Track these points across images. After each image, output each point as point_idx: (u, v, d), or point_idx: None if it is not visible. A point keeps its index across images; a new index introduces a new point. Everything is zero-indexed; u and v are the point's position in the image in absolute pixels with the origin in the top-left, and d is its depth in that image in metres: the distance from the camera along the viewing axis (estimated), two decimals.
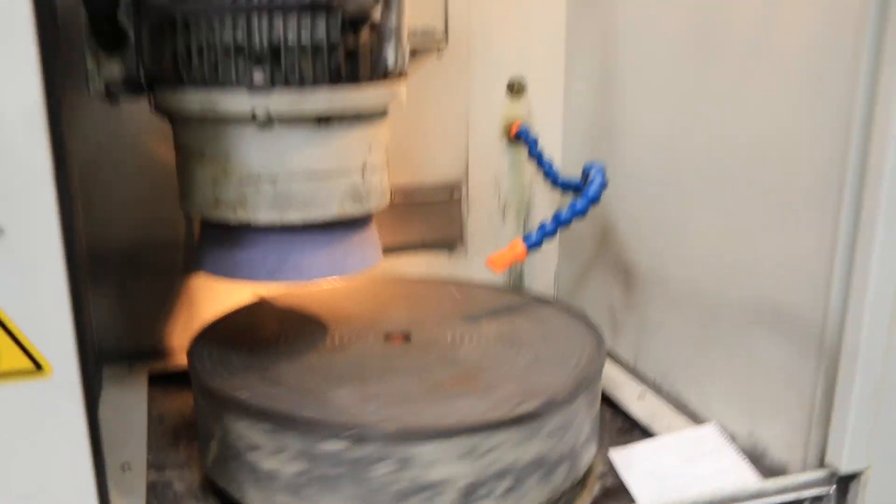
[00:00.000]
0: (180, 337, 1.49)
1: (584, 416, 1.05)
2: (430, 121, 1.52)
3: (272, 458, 0.96)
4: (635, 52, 1.34)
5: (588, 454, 1.08)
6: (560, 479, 1.02)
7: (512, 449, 0.95)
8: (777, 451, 1.06)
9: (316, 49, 0.94)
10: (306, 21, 0.93)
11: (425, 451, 0.91)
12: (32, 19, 0.63)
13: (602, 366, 1.11)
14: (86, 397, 0.73)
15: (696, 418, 1.24)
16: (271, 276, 1.05)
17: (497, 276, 1.60)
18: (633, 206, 1.37)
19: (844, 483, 0.96)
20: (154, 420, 1.33)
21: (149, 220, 1.42)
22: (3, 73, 0.63)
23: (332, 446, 0.92)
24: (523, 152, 1.53)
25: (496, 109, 1.55)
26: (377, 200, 1.08)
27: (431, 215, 1.56)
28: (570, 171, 1.45)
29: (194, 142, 1.02)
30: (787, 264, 1.01)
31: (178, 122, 1.04)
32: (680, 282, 1.26)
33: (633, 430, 1.27)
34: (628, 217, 1.39)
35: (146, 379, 1.44)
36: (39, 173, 0.66)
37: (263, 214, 1.01)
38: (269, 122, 0.97)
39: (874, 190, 0.87)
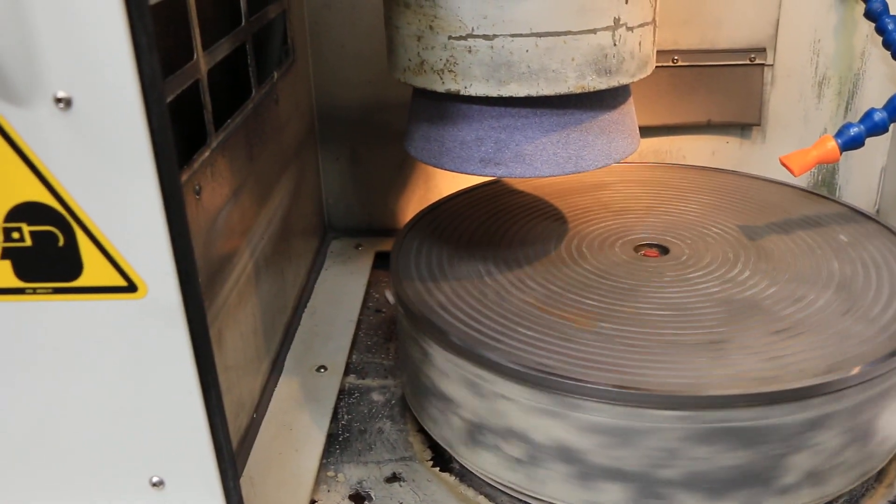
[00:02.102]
0: (415, 213, 1.31)
1: (890, 395, 0.73)
2: None
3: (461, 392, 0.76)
4: None
5: (887, 451, 0.77)
6: (842, 474, 0.73)
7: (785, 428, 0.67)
8: None
9: None
10: None
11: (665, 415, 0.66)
12: None
13: None
14: (190, 320, 0.55)
15: None
16: (485, 166, 0.81)
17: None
18: None
19: None
20: (369, 310, 1.18)
21: (384, 78, 1.23)
22: None
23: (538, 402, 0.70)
24: (859, 7, 1.14)
25: None
26: (634, 71, 0.80)
27: (723, 86, 1.23)
28: None
29: None
30: None
31: None
32: None
33: None
34: None
35: (372, 259, 1.29)
36: (113, 23, 0.47)
37: (477, 84, 0.77)
38: None
39: None
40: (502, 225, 1.00)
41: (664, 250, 0.93)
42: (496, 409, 0.74)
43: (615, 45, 0.76)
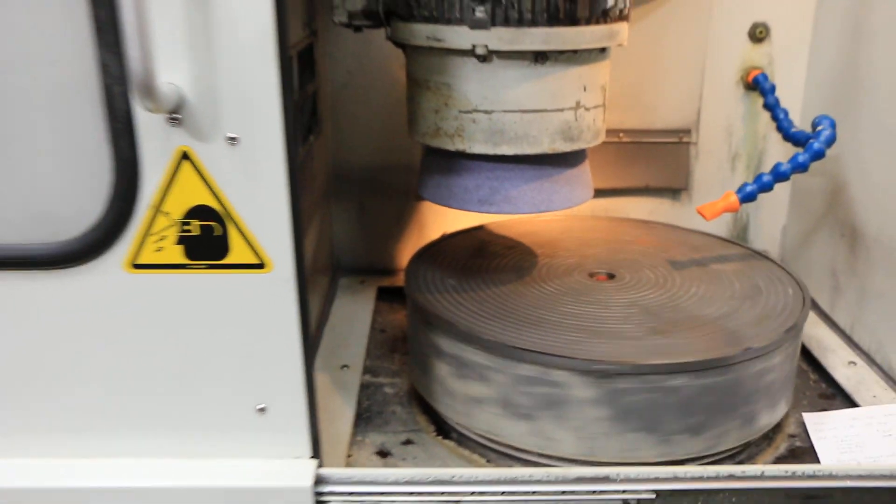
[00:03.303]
0: (409, 256, 1.60)
1: (774, 374, 1.03)
2: (665, 64, 1.50)
3: (467, 377, 1.04)
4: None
5: (775, 414, 1.07)
6: (736, 433, 1.02)
7: (694, 393, 0.96)
8: None
9: None
10: None
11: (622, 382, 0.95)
12: None
13: (800, 326, 1.08)
14: (299, 289, 0.83)
15: None
16: (482, 205, 1.11)
17: (718, 227, 1.57)
18: (869, 165, 1.30)
19: None
20: (376, 330, 1.46)
21: (388, 146, 1.53)
22: (241, 3, 0.73)
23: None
24: (759, 101, 1.48)
25: (735, 55, 1.51)
26: (589, 139, 1.11)
27: (658, 160, 1.55)
28: (809, 123, 1.39)
29: (420, 73, 1.09)
30: None
31: (409, 52, 1.12)
32: None
33: (835, 397, 1.22)
34: (863, 176, 1.32)
35: (375, 292, 1.57)
36: (268, 84, 0.76)
37: (478, 145, 1.07)
38: (487, 57, 1.02)
39: None
40: (487, 258, 1.30)
41: (611, 276, 1.23)
42: (485, 378, 1.02)
43: (576, 120, 1.07)
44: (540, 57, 1.02)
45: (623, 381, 0.96)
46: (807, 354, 1.33)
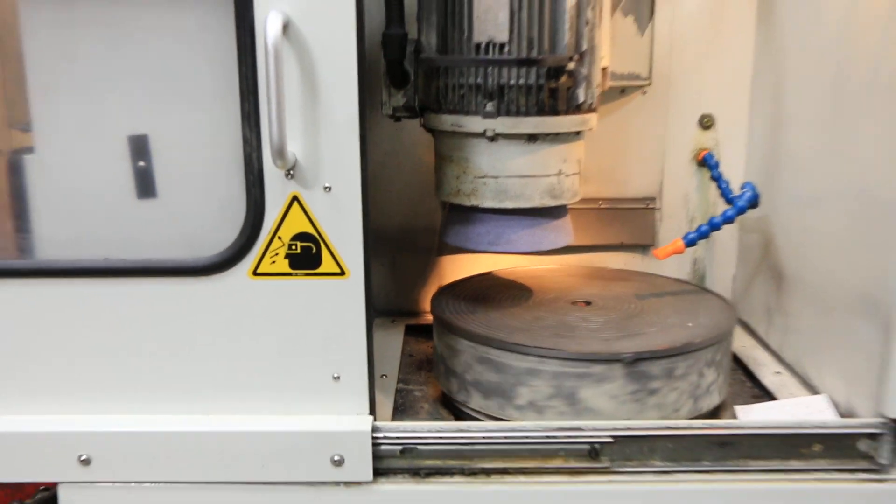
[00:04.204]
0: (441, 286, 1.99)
1: (707, 366, 1.41)
2: (633, 145, 1.92)
3: (477, 368, 1.42)
4: (797, 95, 1.67)
5: (710, 400, 1.44)
6: (686, 409, 1.39)
7: (657, 377, 1.34)
8: (863, 411, 1.35)
9: (528, 89, 1.40)
10: (522, 71, 1.39)
11: (596, 369, 1.34)
12: (357, 66, 1.15)
13: (728, 332, 1.47)
14: (366, 292, 1.23)
15: (815, 392, 1.54)
16: (490, 246, 1.51)
17: (681, 276, 1.96)
18: (787, 223, 1.70)
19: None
20: (406, 354, 1.84)
21: (415, 211, 1.94)
22: (340, 97, 1.15)
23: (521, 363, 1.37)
24: (708, 174, 1.89)
25: (688, 139, 1.92)
26: (569, 198, 1.52)
27: (630, 222, 1.96)
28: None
29: (445, 150, 1.51)
30: (882, 267, 1.31)
31: (437, 136, 1.54)
32: (812, 286, 1.57)
33: (763, 397, 1.59)
34: (784, 232, 1.72)
35: (404, 329, 1.96)
36: (352, 154, 1.17)
37: (488, 201, 1.48)
38: (495, 138, 1.43)
39: None
40: (492, 292, 1.69)
41: (588, 303, 1.62)
42: (498, 369, 1.40)
43: (559, 183, 1.48)
44: (532, 138, 1.44)
45: (599, 366, 1.34)
46: (745, 369, 1.70)
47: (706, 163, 1.89)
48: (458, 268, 1.98)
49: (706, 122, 1.92)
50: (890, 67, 1.28)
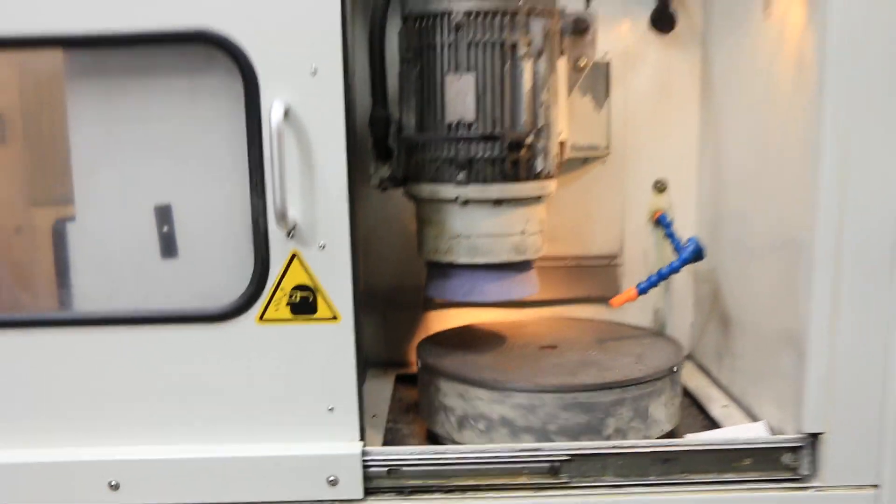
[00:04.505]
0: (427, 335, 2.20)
1: (658, 397, 1.62)
2: (596, 209, 2.16)
3: (456, 400, 1.63)
4: (733, 160, 1.91)
5: (659, 428, 1.65)
6: (635, 434, 1.60)
7: (609, 406, 1.55)
8: (790, 431, 1.56)
9: (493, 161, 1.64)
10: (487, 145, 1.63)
11: (547, 398, 1.55)
12: (346, 145, 1.39)
13: (677, 367, 1.68)
14: (356, 334, 1.45)
15: (756, 420, 1.75)
16: (466, 296, 1.73)
17: (641, 321, 2.18)
18: (729, 275, 1.92)
19: (813, 438, 1.48)
20: (395, 399, 2.04)
21: (403, 271, 2.16)
22: (331, 170, 1.39)
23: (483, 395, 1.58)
24: (663, 232, 2.13)
25: (645, 201, 2.16)
26: (533, 254, 1.74)
27: (595, 277, 2.18)
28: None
29: (425, 214, 1.74)
30: (797, 302, 1.53)
31: (417, 202, 1.77)
32: (752, 328, 1.79)
33: (711, 426, 1.80)
34: (729, 281, 1.94)
35: (394, 378, 2.17)
36: (342, 217, 1.41)
37: (462, 258, 1.71)
38: (466, 203, 1.67)
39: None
40: (469, 340, 1.90)
41: (554, 347, 1.83)
42: (474, 405, 1.61)
43: (524, 241, 1.71)
44: (498, 202, 1.67)
45: (564, 396, 1.55)
46: (697, 404, 1.91)
47: (661, 222, 2.12)
48: (442, 322, 2.19)
49: (660, 187, 2.16)
50: (796, 134, 1.52)
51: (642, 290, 1.84)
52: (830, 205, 1.43)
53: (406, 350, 2.23)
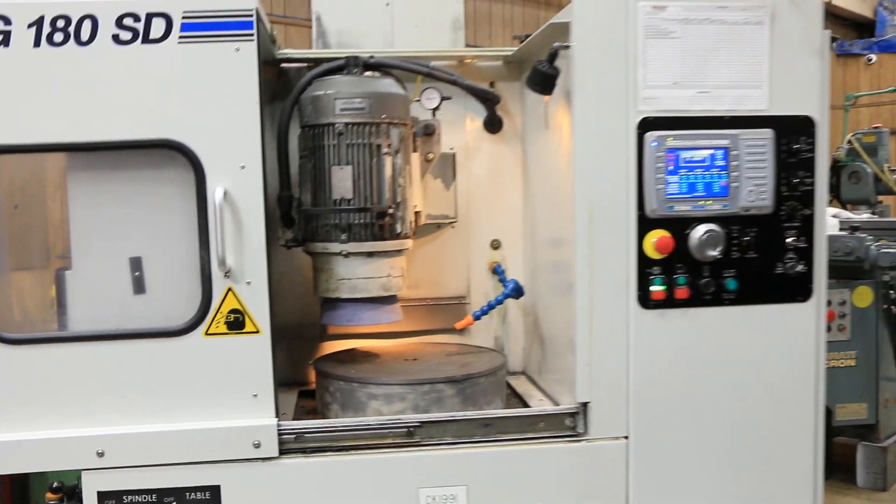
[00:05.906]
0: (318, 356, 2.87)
1: (488, 391, 2.34)
2: (448, 261, 2.89)
3: (335, 395, 2.32)
4: (540, 223, 2.68)
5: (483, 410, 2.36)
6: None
7: (447, 399, 2.26)
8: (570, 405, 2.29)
9: (366, 225, 2.36)
10: (362, 215, 2.35)
11: (400, 390, 2.24)
12: (263, 216, 2.09)
13: (495, 370, 2.40)
14: (272, 343, 2.13)
15: (556, 403, 2.48)
16: (348, 322, 2.43)
17: (485, 344, 2.90)
18: (545, 307, 2.68)
19: (584, 406, 2.22)
20: (299, 407, 2.70)
21: (303, 311, 2.83)
22: (254, 232, 2.09)
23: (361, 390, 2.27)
24: (497, 278, 2.87)
25: (484, 255, 2.91)
26: (396, 290, 2.46)
27: (449, 312, 2.90)
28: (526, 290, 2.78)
29: (318, 264, 2.44)
30: (574, 323, 2.28)
31: (313, 256, 2.47)
32: (554, 344, 2.54)
33: None
34: (543, 313, 2.69)
35: (297, 393, 2.83)
36: (262, 263, 2.10)
37: (345, 294, 2.41)
38: (347, 255, 2.37)
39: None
40: (351, 357, 2.59)
41: (415, 359, 2.54)
42: (350, 393, 2.29)
43: (390, 282, 2.43)
44: (370, 254, 2.39)
45: (401, 388, 2.24)
46: (523, 400, 2.63)
47: (496, 271, 2.87)
48: (334, 348, 2.87)
49: (495, 245, 2.91)
50: (568, 202, 2.30)
51: (477, 317, 2.59)
52: (584, 252, 2.20)
53: (306, 372, 2.89)
